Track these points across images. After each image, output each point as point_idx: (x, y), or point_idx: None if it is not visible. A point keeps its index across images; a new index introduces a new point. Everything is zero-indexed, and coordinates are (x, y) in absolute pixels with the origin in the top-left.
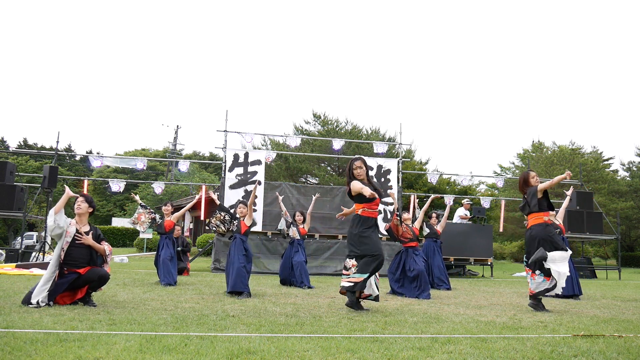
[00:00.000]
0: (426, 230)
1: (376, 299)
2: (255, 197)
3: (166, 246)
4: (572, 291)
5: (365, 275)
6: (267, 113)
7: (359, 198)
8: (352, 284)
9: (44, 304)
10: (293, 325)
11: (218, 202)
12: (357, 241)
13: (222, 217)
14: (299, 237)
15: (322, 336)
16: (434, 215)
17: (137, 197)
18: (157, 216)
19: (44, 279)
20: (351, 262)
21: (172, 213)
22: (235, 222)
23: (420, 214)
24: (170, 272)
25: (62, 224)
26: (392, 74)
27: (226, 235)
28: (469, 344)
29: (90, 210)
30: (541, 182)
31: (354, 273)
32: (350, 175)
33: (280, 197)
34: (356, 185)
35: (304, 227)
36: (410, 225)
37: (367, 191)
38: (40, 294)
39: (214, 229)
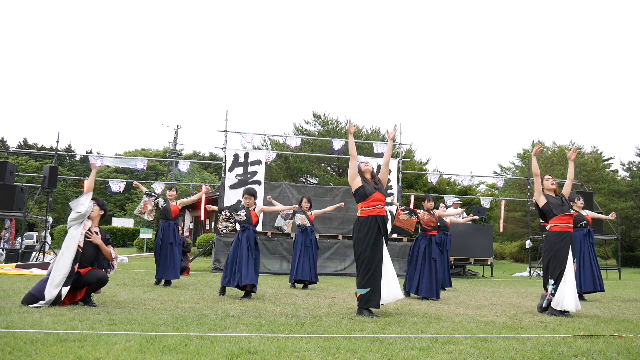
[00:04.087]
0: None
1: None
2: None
3: (172, 233)
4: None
5: (364, 291)
6: (267, 113)
7: (357, 195)
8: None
9: (64, 295)
10: (293, 325)
11: (216, 207)
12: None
13: (225, 216)
14: (309, 224)
15: (322, 336)
16: (441, 206)
17: (141, 186)
18: (161, 200)
19: (62, 271)
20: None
21: (177, 199)
22: (243, 212)
23: (451, 216)
24: (174, 262)
25: (84, 202)
26: (392, 74)
27: (235, 228)
28: (469, 344)
29: (102, 212)
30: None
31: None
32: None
33: (269, 197)
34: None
35: (311, 214)
36: (433, 212)
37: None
38: (59, 286)
39: (224, 231)
